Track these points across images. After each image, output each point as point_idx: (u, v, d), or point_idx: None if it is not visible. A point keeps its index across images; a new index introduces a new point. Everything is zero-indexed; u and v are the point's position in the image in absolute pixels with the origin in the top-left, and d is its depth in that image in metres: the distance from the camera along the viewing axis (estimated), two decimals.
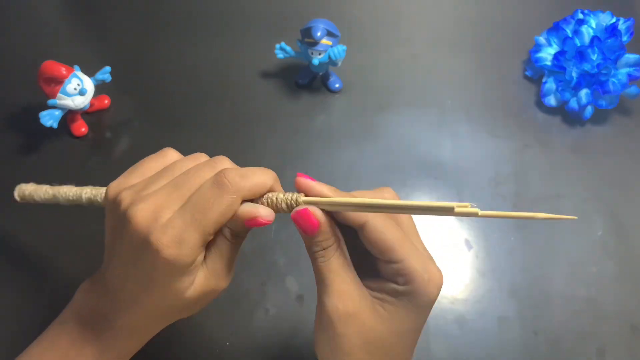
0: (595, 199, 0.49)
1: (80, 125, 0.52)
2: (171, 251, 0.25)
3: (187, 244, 0.25)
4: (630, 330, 0.42)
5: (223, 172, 0.26)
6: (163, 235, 0.25)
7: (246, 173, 0.27)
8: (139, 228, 0.26)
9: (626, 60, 0.52)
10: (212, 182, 0.26)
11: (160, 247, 0.25)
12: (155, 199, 0.26)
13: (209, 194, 0.26)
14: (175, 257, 0.25)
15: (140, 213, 0.26)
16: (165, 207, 0.26)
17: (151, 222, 0.26)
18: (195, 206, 0.26)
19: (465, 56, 0.60)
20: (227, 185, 0.26)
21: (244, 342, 0.40)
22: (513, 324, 0.42)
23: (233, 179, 0.26)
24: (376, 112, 0.54)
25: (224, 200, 0.26)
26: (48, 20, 0.63)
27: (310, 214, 0.26)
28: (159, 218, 0.26)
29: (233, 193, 0.26)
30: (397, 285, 0.26)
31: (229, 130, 0.53)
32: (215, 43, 0.60)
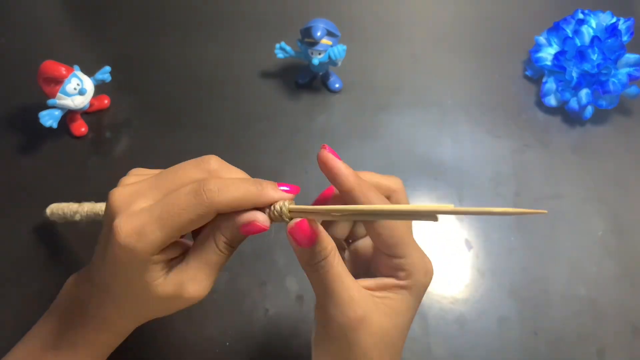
0: (595, 199, 0.49)
1: (80, 125, 0.52)
2: (128, 239, 0.25)
3: (146, 238, 0.25)
4: (631, 330, 0.42)
5: (204, 182, 0.25)
6: (125, 222, 0.25)
7: (226, 186, 0.26)
8: (111, 209, 0.26)
9: (626, 60, 0.52)
10: (190, 190, 0.25)
11: (118, 232, 0.25)
12: (136, 185, 0.27)
13: (183, 199, 0.25)
14: (131, 246, 0.25)
15: (117, 194, 0.26)
16: (142, 195, 0.26)
17: (122, 204, 0.26)
18: (166, 207, 0.25)
19: (465, 56, 0.60)
20: (202, 197, 0.25)
21: (244, 342, 0.40)
22: (513, 324, 0.42)
23: (210, 192, 0.25)
24: (376, 112, 0.54)
25: (196, 210, 0.25)
26: (48, 20, 0.63)
27: (307, 225, 0.26)
28: (131, 204, 0.26)
29: (207, 206, 0.25)
30: (397, 280, 0.27)
31: (229, 130, 0.53)
32: (215, 43, 0.60)
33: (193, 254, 0.27)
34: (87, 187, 0.49)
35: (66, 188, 0.49)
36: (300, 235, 0.26)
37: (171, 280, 0.27)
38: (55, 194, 0.48)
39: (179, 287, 0.27)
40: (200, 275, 0.27)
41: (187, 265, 0.27)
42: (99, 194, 0.48)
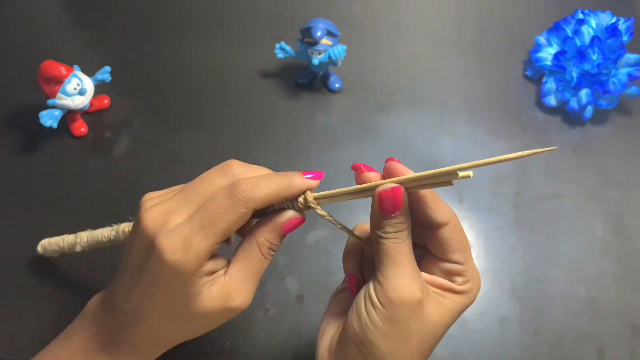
0: (595, 199, 0.49)
1: (80, 125, 0.52)
2: (175, 256, 0.25)
3: (193, 250, 0.25)
4: (631, 330, 0.42)
5: (236, 183, 0.26)
6: (168, 239, 0.25)
7: (258, 183, 0.27)
8: (146, 231, 0.26)
9: (626, 60, 0.52)
10: (225, 193, 0.26)
11: (163, 250, 0.25)
12: (165, 204, 0.27)
13: (221, 204, 0.26)
14: (179, 262, 0.25)
15: (149, 216, 0.26)
16: (175, 212, 0.26)
17: (159, 226, 0.26)
18: (205, 214, 0.26)
19: (465, 56, 0.59)
20: (238, 197, 0.26)
21: (244, 342, 0.40)
22: (513, 324, 0.42)
23: (244, 190, 0.26)
24: (376, 112, 0.54)
25: (235, 211, 0.26)
26: (48, 20, 0.63)
27: (401, 193, 0.27)
28: (167, 222, 0.26)
29: (245, 205, 0.26)
30: (454, 285, 0.28)
31: (229, 130, 0.53)
32: (215, 43, 0.60)
33: (237, 264, 0.28)
34: (87, 187, 0.49)
35: (66, 188, 0.49)
36: (389, 201, 0.27)
37: (217, 294, 0.27)
38: (55, 194, 0.48)
39: (225, 299, 0.27)
40: (245, 285, 0.28)
41: (232, 276, 0.27)
42: (99, 193, 0.48)
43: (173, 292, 0.26)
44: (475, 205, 0.48)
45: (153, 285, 0.26)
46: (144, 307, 0.27)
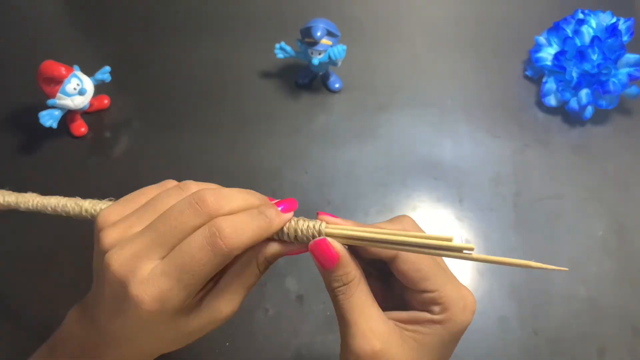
0: (595, 199, 0.49)
1: (80, 125, 0.52)
2: (153, 307, 0.24)
3: (171, 301, 0.24)
4: (631, 330, 0.42)
5: (217, 228, 0.24)
6: (143, 290, 0.24)
7: (241, 227, 0.24)
8: (115, 277, 0.24)
9: (626, 60, 0.52)
10: (205, 242, 0.24)
11: (139, 302, 0.24)
12: (132, 247, 0.25)
13: (200, 254, 0.24)
14: (159, 312, 0.24)
15: (117, 261, 0.24)
16: (144, 256, 0.24)
17: (128, 272, 0.24)
18: (183, 264, 0.24)
19: (465, 56, 0.59)
20: (221, 247, 0.24)
21: (244, 342, 0.40)
22: (513, 324, 0.42)
23: (228, 239, 0.24)
24: (376, 112, 0.54)
25: (215, 261, 0.24)
26: (48, 20, 0.63)
27: (329, 244, 0.25)
28: (137, 269, 0.24)
29: (228, 255, 0.24)
30: (431, 315, 0.26)
31: (229, 130, 0.53)
32: (215, 43, 0.60)
33: (230, 278, 0.26)
34: (87, 187, 0.49)
35: (66, 188, 0.48)
36: (320, 255, 0.25)
37: (205, 311, 0.26)
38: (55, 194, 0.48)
39: (214, 313, 0.26)
40: (236, 296, 0.27)
41: (223, 289, 0.26)
42: (99, 194, 0.48)
43: (157, 327, 0.25)
44: (475, 205, 0.48)
45: (134, 324, 0.25)
46: (128, 335, 0.26)
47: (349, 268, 0.25)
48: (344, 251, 0.25)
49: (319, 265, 0.26)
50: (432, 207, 0.48)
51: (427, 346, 0.26)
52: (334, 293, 0.26)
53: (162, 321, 0.25)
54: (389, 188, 0.49)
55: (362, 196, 0.48)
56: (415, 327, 0.26)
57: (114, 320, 0.26)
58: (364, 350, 0.25)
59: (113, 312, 0.26)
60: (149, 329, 0.25)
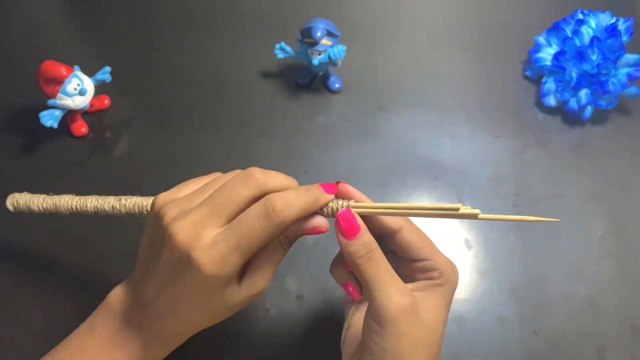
0: (595, 199, 0.49)
1: (80, 125, 0.52)
2: (213, 271, 0.27)
3: (230, 265, 0.27)
4: (630, 330, 0.42)
5: (270, 202, 0.27)
6: (206, 255, 0.26)
7: (291, 202, 0.28)
8: (179, 244, 0.27)
9: (626, 61, 0.52)
10: (260, 213, 0.27)
11: (202, 265, 0.26)
12: (193, 216, 0.27)
13: (257, 224, 0.27)
14: (217, 275, 0.27)
15: (180, 229, 0.27)
16: (206, 224, 0.27)
17: (192, 240, 0.27)
18: (241, 233, 0.27)
19: (465, 56, 0.60)
20: (274, 218, 0.27)
21: (244, 342, 0.40)
22: (513, 324, 0.42)
23: (280, 211, 0.27)
24: (376, 112, 0.55)
25: (271, 230, 0.27)
26: (48, 20, 0.63)
27: (354, 215, 0.29)
28: (200, 237, 0.27)
29: (280, 226, 0.27)
30: (432, 280, 0.30)
31: (229, 130, 0.53)
32: (216, 43, 0.60)
33: (260, 256, 0.29)
34: (87, 187, 0.48)
35: (66, 188, 0.48)
36: (346, 225, 0.28)
37: (245, 287, 0.29)
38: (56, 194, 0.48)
39: (251, 288, 0.29)
40: (267, 272, 0.30)
41: (255, 267, 0.29)
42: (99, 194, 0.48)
43: (208, 296, 0.28)
44: (475, 205, 0.47)
45: (188, 292, 0.28)
46: (176, 306, 0.29)
47: (370, 237, 0.29)
48: (364, 224, 0.29)
49: (342, 236, 0.28)
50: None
51: (437, 305, 0.29)
52: (360, 261, 0.28)
53: (215, 289, 0.28)
54: (389, 188, 0.49)
55: None
56: (421, 293, 0.29)
57: (166, 289, 0.28)
58: (400, 305, 0.27)
59: (168, 282, 0.28)
60: (201, 296, 0.28)
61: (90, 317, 0.32)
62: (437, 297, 0.29)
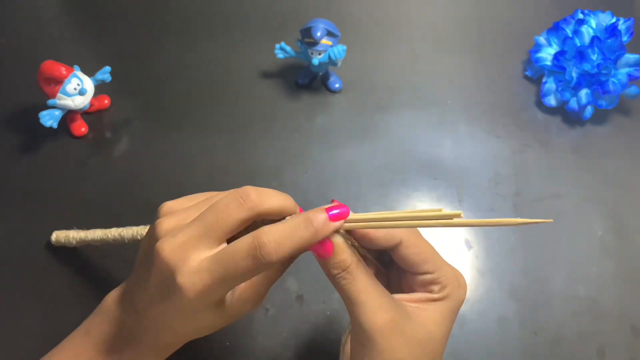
0: (595, 199, 0.49)
1: (80, 125, 0.52)
2: (198, 296, 0.26)
3: (212, 295, 0.26)
4: (630, 330, 0.42)
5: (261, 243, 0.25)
6: (190, 281, 0.26)
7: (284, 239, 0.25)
8: (165, 264, 0.26)
9: (626, 60, 0.52)
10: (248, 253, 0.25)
11: (187, 289, 0.26)
12: (183, 236, 0.27)
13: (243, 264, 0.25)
14: (203, 300, 0.26)
15: (167, 249, 0.26)
16: (193, 246, 0.26)
17: (178, 260, 0.26)
18: (226, 270, 0.25)
19: (465, 56, 0.60)
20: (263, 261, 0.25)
21: (244, 342, 0.40)
22: (513, 324, 0.42)
23: (269, 255, 0.25)
24: (376, 112, 0.54)
25: (259, 270, 0.26)
26: (48, 20, 0.63)
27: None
28: (187, 259, 0.26)
29: (270, 264, 0.25)
30: (431, 294, 0.28)
31: (229, 130, 0.53)
32: (215, 43, 0.60)
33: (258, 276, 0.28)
34: (87, 187, 0.49)
35: (66, 188, 0.49)
36: (317, 246, 0.27)
37: (236, 304, 0.28)
38: (55, 194, 0.48)
39: (243, 305, 0.29)
40: (262, 290, 0.29)
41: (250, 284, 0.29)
42: (99, 193, 0.48)
43: (194, 316, 0.27)
44: (475, 205, 0.48)
45: (176, 311, 0.27)
46: (167, 321, 0.28)
47: (344, 255, 0.27)
48: (338, 240, 0.27)
49: (316, 256, 0.27)
50: (432, 207, 0.48)
51: (432, 320, 0.28)
52: (336, 280, 0.27)
53: (201, 311, 0.27)
54: (389, 188, 0.49)
55: (362, 196, 0.48)
56: (417, 306, 0.28)
57: (156, 305, 0.28)
58: (375, 324, 0.26)
59: (156, 298, 0.27)
60: (188, 316, 0.27)
61: (85, 321, 0.31)
62: (432, 311, 0.28)
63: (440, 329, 0.28)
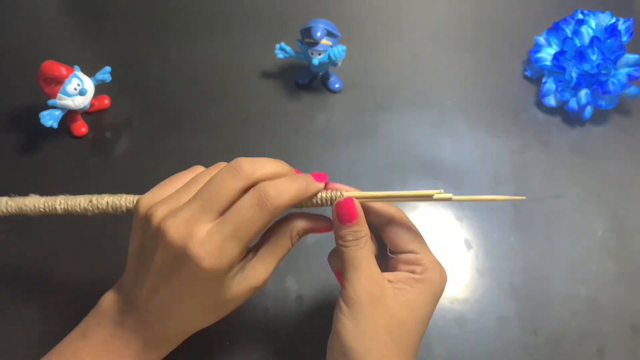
0: (595, 199, 0.49)
1: (80, 125, 0.52)
2: (212, 263, 0.26)
3: (227, 256, 0.27)
4: (630, 330, 0.42)
5: (263, 191, 0.27)
6: (203, 248, 0.26)
7: (283, 189, 0.28)
8: (174, 242, 0.27)
9: (626, 61, 0.52)
10: (253, 202, 0.27)
11: (200, 259, 0.26)
12: (184, 214, 0.27)
13: (250, 212, 0.27)
14: (216, 267, 0.27)
15: (173, 228, 0.27)
16: (198, 220, 0.27)
17: (186, 237, 0.27)
18: (236, 223, 0.27)
19: (465, 56, 0.60)
20: (268, 206, 0.27)
21: (244, 342, 0.40)
22: (513, 324, 0.42)
23: (273, 198, 0.27)
24: (376, 112, 0.55)
25: (265, 218, 0.27)
26: (48, 20, 0.63)
27: (354, 203, 0.30)
28: (193, 233, 0.27)
29: (273, 212, 0.28)
30: (414, 275, 0.30)
31: (229, 130, 0.53)
32: (215, 43, 0.60)
33: (268, 249, 0.31)
34: (87, 187, 0.48)
35: (66, 188, 0.48)
36: (344, 211, 0.30)
37: (245, 278, 0.29)
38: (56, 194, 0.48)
39: (251, 281, 0.30)
40: (270, 267, 0.30)
41: (260, 260, 0.30)
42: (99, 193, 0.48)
43: (206, 291, 0.28)
44: (475, 205, 0.48)
45: (186, 289, 0.28)
46: (172, 307, 0.29)
47: (364, 226, 0.30)
48: (361, 212, 0.30)
49: (339, 220, 0.30)
50: (432, 207, 0.48)
51: (413, 302, 0.29)
52: (346, 245, 0.30)
53: (214, 282, 0.28)
54: (389, 188, 0.49)
55: None
56: (400, 285, 0.30)
57: (161, 291, 0.28)
58: (368, 290, 0.28)
59: (164, 282, 0.28)
60: (199, 292, 0.28)
61: (81, 323, 0.31)
62: (414, 294, 0.29)
63: (420, 312, 0.29)
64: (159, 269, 0.28)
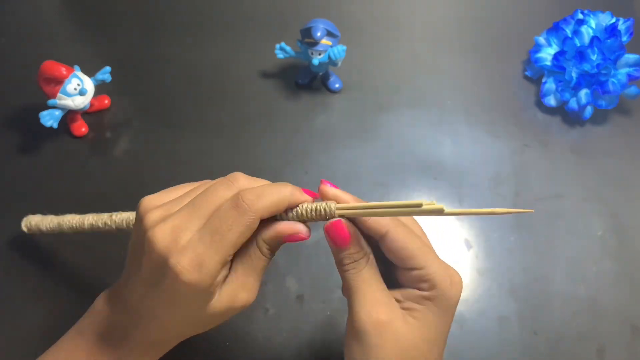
0: (595, 199, 0.49)
1: (80, 125, 0.52)
2: (191, 275, 0.25)
3: (207, 267, 0.26)
4: (630, 330, 0.42)
5: (240, 194, 0.26)
6: (182, 258, 0.25)
7: (262, 192, 0.27)
8: (157, 249, 0.26)
9: (626, 61, 0.52)
10: (230, 204, 0.26)
11: (179, 271, 0.25)
12: (173, 219, 0.27)
13: (227, 215, 0.26)
14: (195, 281, 0.26)
15: (159, 234, 0.26)
16: (184, 228, 0.26)
17: (170, 243, 0.26)
18: (213, 228, 0.26)
19: (465, 56, 0.60)
20: (245, 207, 0.26)
21: (244, 342, 0.40)
22: (513, 324, 0.42)
23: (250, 200, 0.26)
24: (376, 112, 0.55)
25: (242, 221, 0.26)
26: (48, 20, 0.63)
27: (343, 226, 0.28)
28: (178, 239, 0.26)
29: (251, 215, 0.26)
30: (421, 292, 0.28)
31: (229, 130, 0.53)
32: (215, 43, 0.60)
33: (239, 263, 0.28)
34: (87, 187, 0.49)
35: (66, 188, 0.49)
36: (335, 235, 0.28)
37: (224, 295, 0.28)
38: (55, 194, 0.48)
39: (232, 298, 0.28)
40: (249, 281, 0.28)
41: (236, 274, 0.28)
42: (99, 193, 0.48)
43: (188, 302, 0.27)
44: (475, 205, 0.48)
45: (168, 298, 0.27)
46: (157, 312, 0.28)
47: (359, 247, 0.28)
48: (355, 232, 0.28)
49: (332, 244, 0.28)
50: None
51: (423, 323, 0.27)
52: (345, 268, 0.28)
53: (194, 296, 0.26)
54: (389, 188, 0.49)
55: (362, 196, 0.48)
56: (409, 304, 0.28)
57: (147, 294, 0.28)
58: (371, 318, 0.27)
59: (148, 287, 0.27)
60: (181, 304, 0.27)
61: (78, 322, 0.31)
62: (424, 313, 0.27)
63: (433, 332, 0.27)
64: (145, 274, 0.27)
